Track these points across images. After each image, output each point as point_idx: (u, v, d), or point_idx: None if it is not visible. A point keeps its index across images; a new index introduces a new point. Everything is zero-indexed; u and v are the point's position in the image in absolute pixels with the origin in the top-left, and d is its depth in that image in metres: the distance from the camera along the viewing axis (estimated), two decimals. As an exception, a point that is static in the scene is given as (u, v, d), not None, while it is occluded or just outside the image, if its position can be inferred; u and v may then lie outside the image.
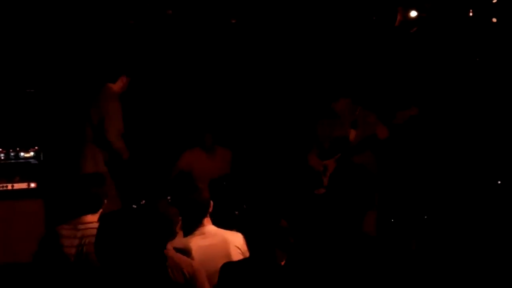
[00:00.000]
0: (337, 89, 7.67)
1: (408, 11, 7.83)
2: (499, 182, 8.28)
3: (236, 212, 7.67)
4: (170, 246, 5.00)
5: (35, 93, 8.29)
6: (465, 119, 8.57)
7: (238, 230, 5.63)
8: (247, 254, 5.27)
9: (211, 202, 5.57)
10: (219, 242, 5.45)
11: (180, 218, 5.31)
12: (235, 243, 5.47)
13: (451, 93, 8.64)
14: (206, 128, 8.86)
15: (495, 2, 7.68)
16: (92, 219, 5.35)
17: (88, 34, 8.79)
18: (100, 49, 8.98)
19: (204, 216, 5.52)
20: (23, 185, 8.24)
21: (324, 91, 8.04)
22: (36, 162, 8.32)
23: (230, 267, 4.86)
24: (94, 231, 4.75)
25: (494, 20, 7.73)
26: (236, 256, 5.39)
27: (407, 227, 8.22)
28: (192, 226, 5.49)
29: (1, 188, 8.16)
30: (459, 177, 8.49)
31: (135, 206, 6.83)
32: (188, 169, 8.71)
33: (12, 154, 8.31)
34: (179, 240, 5.35)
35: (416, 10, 7.79)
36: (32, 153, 8.33)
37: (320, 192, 7.65)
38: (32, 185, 8.26)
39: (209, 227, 5.52)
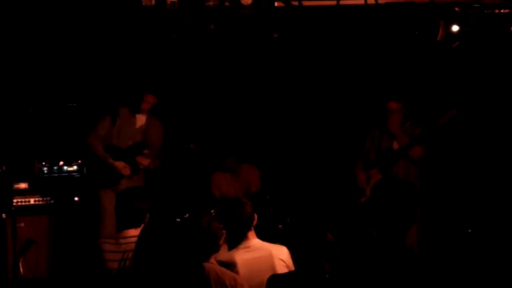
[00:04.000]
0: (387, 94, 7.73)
1: (450, 26, 7.79)
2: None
3: (280, 226, 7.65)
4: (214, 259, 5.00)
5: (77, 107, 8.33)
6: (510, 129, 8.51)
7: (282, 244, 5.61)
8: (292, 267, 5.27)
9: (255, 216, 5.54)
10: (264, 255, 5.43)
11: (224, 231, 5.28)
12: (279, 256, 5.45)
13: (494, 102, 8.60)
14: (228, 152, 8.88)
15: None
16: (134, 234, 5.34)
17: (130, 50, 8.85)
18: (142, 64, 9.05)
19: (249, 230, 5.51)
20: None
21: (372, 100, 8.07)
22: (79, 175, 8.38)
23: (276, 280, 4.84)
24: (137, 245, 4.77)
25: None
26: (281, 269, 5.36)
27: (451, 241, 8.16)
28: (236, 240, 5.48)
29: (43, 202, 8.21)
30: (504, 188, 8.41)
31: (179, 220, 6.84)
32: (219, 191, 8.79)
33: (55, 168, 8.37)
34: (224, 254, 5.34)
35: (458, 25, 7.75)
36: (75, 167, 8.40)
37: (362, 201, 7.67)
38: (76, 199, 8.31)
39: (253, 241, 5.50)
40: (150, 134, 8.29)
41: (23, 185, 8.13)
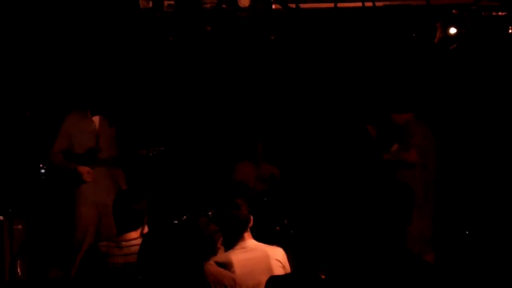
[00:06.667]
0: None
1: (448, 28, 7.81)
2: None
3: (277, 228, 7.66)
4: (212, 261, 5.01)
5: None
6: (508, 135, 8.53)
7: (279, 246, 5.65)
8: (288, 268, 5.36)
9: (251, 217, 5.56)
10: (260, 256, 5.46)
11: (221, 233, 5.29)
12: (275, 256, 5.49)
13: (492, 104, 8.63)
14: (258, 138, 8.91)
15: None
16: (135, 236, 5.34)
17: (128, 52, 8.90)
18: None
19: (245, 231, 5.53)
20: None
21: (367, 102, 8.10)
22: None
23: (275, 281, 4.85)
24: (138, 248, 4.77)
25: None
26: (277, 269, 5.40)
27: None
28: (233, 241, 5.50)
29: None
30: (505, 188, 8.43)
31: (176, 222, 6.84)
32: (245, 180, 8.82)
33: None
34: (221, 255, 5.36)
35: (456, 27, 7.77)
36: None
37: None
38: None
39: (249, 242, 5.53)
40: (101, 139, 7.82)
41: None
